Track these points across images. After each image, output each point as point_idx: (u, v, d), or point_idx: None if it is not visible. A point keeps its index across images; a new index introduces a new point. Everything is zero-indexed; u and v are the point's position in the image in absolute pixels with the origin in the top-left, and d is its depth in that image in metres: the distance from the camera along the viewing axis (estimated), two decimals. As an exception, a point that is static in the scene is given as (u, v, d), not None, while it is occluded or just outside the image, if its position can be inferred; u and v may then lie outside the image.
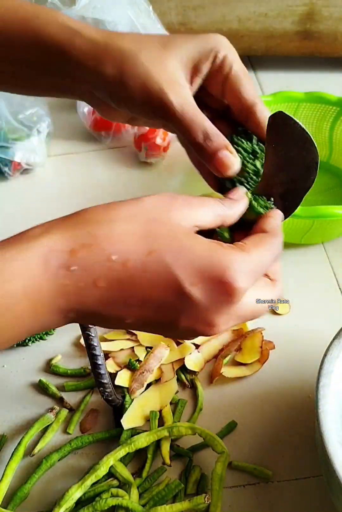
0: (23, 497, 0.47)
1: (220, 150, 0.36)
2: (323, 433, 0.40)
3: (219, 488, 0.45)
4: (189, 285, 0.29)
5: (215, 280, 0.30)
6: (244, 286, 0.30)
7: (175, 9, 0.90)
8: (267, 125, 0.37)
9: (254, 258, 0.32)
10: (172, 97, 0.36)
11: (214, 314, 0.31)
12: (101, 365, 0.48)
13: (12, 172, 0.77)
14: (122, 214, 0.30)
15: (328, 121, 0.76)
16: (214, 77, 0.39)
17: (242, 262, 0.31)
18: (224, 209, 0.33)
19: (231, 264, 0.30)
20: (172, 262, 0.29)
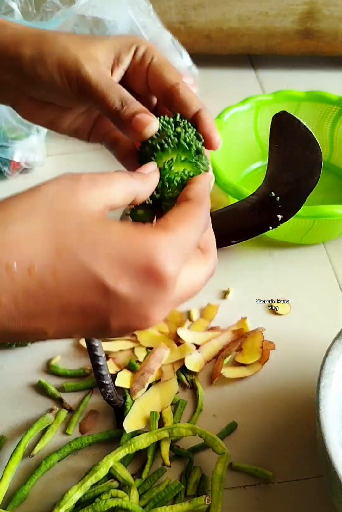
0: (23, 498, 0.47)
1: (138, 114, 0.35)
2: (324, 433, 0.40)
3: (219, 489, 0.45)
4: (113, 281, 0.26)
5: (141, 270, 0.26)
6: (174, 270, 0.27)
7: (175, 8, 0.90)
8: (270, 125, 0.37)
9: (180, 236, 0.28)
10: (88, 67, 0.36)
11: (147, 306, 0.27)
12: (103, 366, 0.48)
13: (11, 171, 0.77)
14: (18, 212, 0.26)
15: (329, 120, 0.76)
16: (136, 70, 0.39)
17: (167, 244, 0.27)
18: (134, 182, 0.30)
19: (156, 249, 0.26)
20: (87, 258, 0.25)
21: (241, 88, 0.92)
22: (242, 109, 0.75)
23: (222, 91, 0.92)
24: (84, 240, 0.26)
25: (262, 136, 0.78)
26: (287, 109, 0.76)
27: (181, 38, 0.88)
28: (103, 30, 0.75)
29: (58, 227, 0.26)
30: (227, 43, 0.94)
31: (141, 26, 0.77)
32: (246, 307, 0.61)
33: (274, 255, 0.68)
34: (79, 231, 0.26)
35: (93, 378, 0.55)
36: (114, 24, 0.75)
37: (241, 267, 0.66)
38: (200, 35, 0.93)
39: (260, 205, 0.39)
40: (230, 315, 0.60)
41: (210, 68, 0.97)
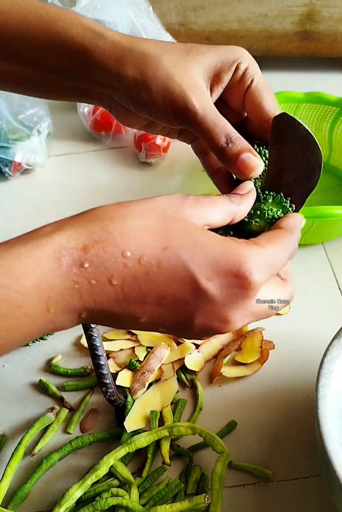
0: (24, 497, 0.48)
1: (243, 153, 0.36)
2: (322, 432, 0.40)
3: (219, 487, 0.45)
4: (205, 281, 0.29)
5: (230, 274, 0.29)
6: (259, 280, 0.30)
7: (175, 10, 0.91)
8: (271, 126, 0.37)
9: (269, 253, 0.31)
10: (194, 101, 0.36)
11: (230, 309, 0.30)
12: (103, 365, 0.48)
13: (12, 172, 0.77)
14: (136, 211, 0.30)
15: (327, 121, 0.77)
16: (234, 88, 0.39)
17: (257, 255, 0.30)
18: (233, 206, 0.33)
19: (246, 257, 0.30)
20: (188, 258, 0.29)
21: (240, 89, 0.92)
22: (241, 110, 0.75)
23: (221, 92, 0.92)
24: (187, 241, 0.29)
25: (262, 137, 0.78)
26: (286, 110, 0.77)
27: (181, 39, 0.89)
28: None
29: (167, 228, 0.30)
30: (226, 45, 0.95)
31: (141, 27, 0.77)
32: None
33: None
34: (184, 235, 0.30)
35: (93, 378, 0.55)
36: (114, 25, 0.75)
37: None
38: (199, 36, 0.94)
39: None
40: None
41: (209, 69, 0.97)
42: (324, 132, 0.77)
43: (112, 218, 0.29)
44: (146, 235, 0.29)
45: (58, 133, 0.83)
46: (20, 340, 0.28)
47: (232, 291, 0.30)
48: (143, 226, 0.29)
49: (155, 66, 0.37)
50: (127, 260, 0.28)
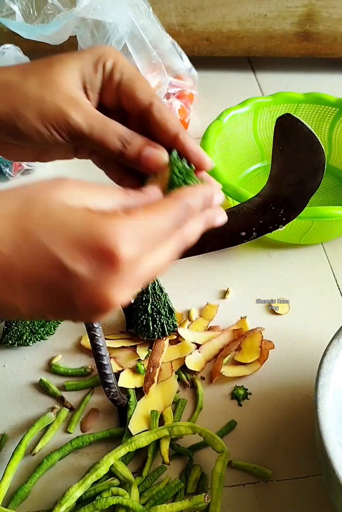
0: (24, 496, 0.48)
1: (143, 149, 0.35)
2: (322, 432, 0.40)
3: (219, 487, 0.46)
4: (71, 262, 0.27)
5: (96, 251, 0.27)
6: (130, 252, 0.28)
7: (175, 11, 0.91)
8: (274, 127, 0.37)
9: (142, 221, 0.29)
10: (74, 115, 0.34)
11: (106, 285, 0.28)
12: (106, 365, 0.48)
13: (13, 172, 0.77)
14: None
15: (327, 122, 0.77)
16: (107, 88, 0.37)
17: (125, 227, 0.28)
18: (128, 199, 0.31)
19: (112, 232, 0.27)
20: (48, 240, 0.27)
21: (240, 90, 0.92)
22: (241, 111, 0.75)
23: (221, 93, 0.93)
24: (45, 221, 0.27)
25: (261, 137, 0.78)
26: (285, 110, 0.77)
27: (181, 40, 0.89)
28: (103, 33, 0.75)
29: (26, 211, 0.27)
30: (226, 45, 0.95)
31: (141, 28, 0.78)
32: (245, 307, 0.62)
33: (273, 256, 0.68)
34: (42, 214, 0.27)
35: (94, 377, 0.55)
36: (114, 26, 0.75)
37: (240, 267, 0.67)
38: (199, 37, 0.94)
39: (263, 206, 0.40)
40: (229, 315, 0.61)
41: (209, 70, 0.97)
42: (324, 132, 0.77)
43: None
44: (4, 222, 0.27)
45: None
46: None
47: (103, 268, 0.28)
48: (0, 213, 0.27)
49: (23, 93, 0.35)
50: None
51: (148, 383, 0.53)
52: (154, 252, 0.30)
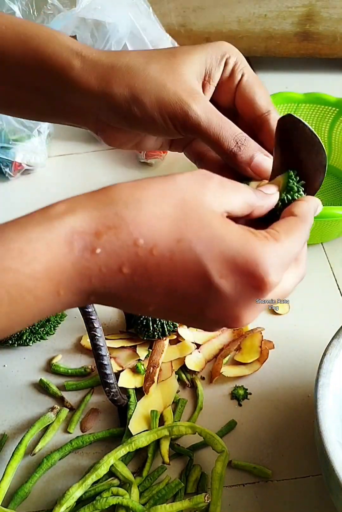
0: (24, 496, 0.48)
1: (255, 155, 0.35)
2: (322, 432, 0.40)
3: (219, 487, 0.46)
4: (218, 278, 0.28)
5: (246, 273, 0.28)
6: (275, 280, 0.29)
7: (175, 11, 0.91)
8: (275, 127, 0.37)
9: (287, 249, 0.30)
10: (194, 106, 0.34)
11: (242, 308, 0.29)
12: (107, 365, 0.48)
13: (13, 172, 0.77)
14: (152, 194, 0.28)
15: (327, 122, 0.77)
16: (224, 85, 0.37)
17: (275, 254, 0.29)
18: (255, 199, 0.32)
19: (264, 258, 0.28)
20: (202, 252, 0.28)
21: (240, 90, 0.92)
22: (240, 111, 0.75)
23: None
24: (203, 235, 0.28)
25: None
26: (285, 110, 0.77)
27: (181, 40, 0.89)
28: (103, 33, 0.75)
29: (184, 216, 0.28)
30: (226, 45, 0.95)
31: (141, 28, 0.77)
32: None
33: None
34: (201, 225, 0.28)
35: (94, 377, 0.55)
36: (114, 26, 0.75)
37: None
38: (199, 37, 0.94)
39: None
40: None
41: (209, 70, 0.97)
42: (324, 132, 0.77)
43: (126, 203, 0.28)
44: (161, 224, 0.28)
45: (58, 134, 0.83)
46: (29, 321, 0.28)
47: (247, 290, 0.28)
48: (158, 213, 0.28)
49: (143, 78, 0.35)
50: (139, 249, 0.27)
51: (148, 383, 0.53)
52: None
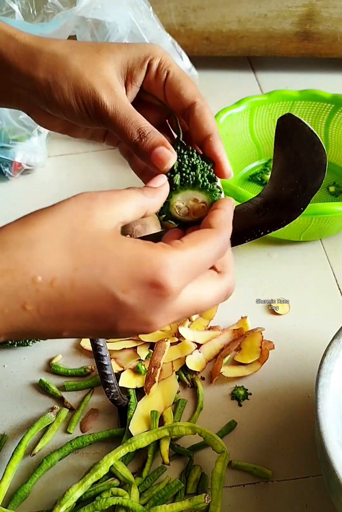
0: (24, 497, 0.48)
1: (156, 146, 0.36)
2: (322, 432, 0.40)
3: (219, 487, 0.46)
4: (122, 293, 0.29)
5: (146, 284, 0.29)
6: (176, 285, 0.30)
7: (175, 10, 0.91)
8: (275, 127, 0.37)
9: (189, 256, 0.31)
10: (104, 97, 0.36)
11: (150, 314, 0.30)
12: (107, 365, 0.48)
13: (12, 172, 0.77)
14: (42, 230, 0.29)
15: (323, 118, 0.77)
16: (152, 86, 0.39)
17: (172, 261, 0.30)
18: (145, 199, 0.33)
19: (161, 265, 0.29)
20: (101, 275, 0.29)
21: (240, 90, 0.92)
22: (237, 110, 0.75)
23: (221, 93, 0.92)
24: (98, 258, 0.29)
25: (258, 136, 0.78)
26: (281, 108, 0.77)
27: (181, 40, 0.89)
28: (103, 32, 0.75)
29: (76, 245, 0.29)
30: (226, 45, 0.95)
31: (141, 28, 0.77)
32: (245, 307, 0.62)
33: (272, 255, 0.68)
34: (94, 249, 0.29)
35: (94, 377, 0.55)
36: (114, 26, 0.75)
37: (240, 267, 0.67)
38: (199, 37, 0.94)
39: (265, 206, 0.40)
40: (229, 315, 0.61)
41: (209, 70, 0.97)
42: (320, 128, 0.78)
43: (18, 245, 0.28)
44: (56, 258, 0.28)
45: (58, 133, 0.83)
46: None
47: (150, 299, 0.30)
48: (51, 248, 0.28)
49: (65, 66, 0.37)
50: (38, 285, 0.28)
51: (149, 383, 0.53)
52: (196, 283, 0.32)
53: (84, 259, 0.29)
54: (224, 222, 0.34)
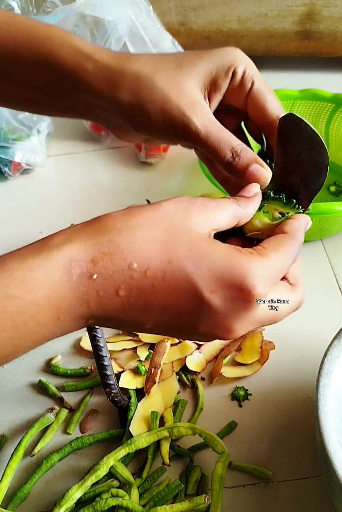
0: (23, 498, 0.47)
1: (250, 165, 0.36)
2: (323, 433, 0.40)
3: (219, 488, 0.45)
4: (209, 293, 0.30)
5: (234, 287, 0.30)
6: (262, 292, 0.31)
7: (175, 9, 0.91)
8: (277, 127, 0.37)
9: (273, 263, 0.32)
10: (195, 120, 0.36)
11: (233, 320, 0.31)
12: (107, 366, 0.48)
13: (12, 172, 0.77)
14: (142, 221, 0.30)
15: (324, 117, 0.77)
16: (234, 93, 0.39)
17: (260, 268, 0.31)
18: (239, 209, 0.34)
19: (250, 271, 0.30)
20: (192, 270, 0.29)
21: (240, 89, 0.92)
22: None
23: (221, 92, 0.92)
24: (192, 254, 0.30)
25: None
26: (281, 108, 0.77)
27: (181, 39, 0.88)
28: (103, 31, 0.75)
29: (173, 239, 0.30)
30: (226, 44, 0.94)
31: (141, 27, 0.77)
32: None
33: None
34: (189, 246, 0.30)
35: (93, 378, 0.55)
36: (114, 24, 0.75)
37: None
38: (199, 36, 0.93)
39: None
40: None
41: (209, 69, 0.97)
42: (321, 128, 0.77)
43: (119, 230, 0.29)
44: (153, 248, 0.29)
45: (58, 133, 0.83)
46: (31, 346, 0.30)
47: (235, 303, 0.30)
48: (149, 238, 0.30)
49: (150, 87, 0.36)
50: (133, 272, 0.29)
51: (149, 384, 0.53)
52: None
53: (179, 254, 0.30)
54: (297, 229, 0.35)
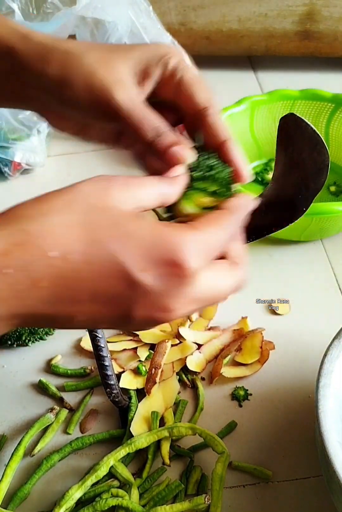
0: (23, 497, 0.47)
1: (172, 145, 0.35)
2: (323, 433, 0.40)
3: (219, 488, 0.45)
4: (138, 272, 0.28)
5: (165, 263, 0.28)
6: (195, 266, 0.29)
7: (175, 9, 0.91)
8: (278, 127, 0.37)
9: (206, 236, 0.30)
10: (117, 96, 0.35)
11: (169, 298, 0.29)
12: (108, 366, 0.48)
13: (12, 172, 0.77)
14: (56, 205, 0.28)
15: (324, 117, 0.77)
16: (166, 83, 0.38)
17: (191, 241, 0.29)
18: (164, 186, 0.32)
19: (181, 244, 0.28)
20: (117, 249, 0.27)
21: (240, 89, 0.92)
22: (237, 109, 0.75)
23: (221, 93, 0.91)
24: (114, 232, 0.28)
25: (258, 135, 0.78)
26: (281, 108, 0.77)
27: (181, 39, 0.88)
28: (103, 32, 0.75)
29: (91, 219, 0.28)
30: (226, 44, 0.95)
31: (141, 27, 0.77)
32: (245, 307, 0.61)
33: (273, 254, 0.68)
34: (111, 224, 0.28)
35: (93, 378, 0.55)
36: (114, 25, 0.75)
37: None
38: (199, 36, 0.93)
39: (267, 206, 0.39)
40: (229, 315, 0.60)
41: (209, 70, 0.97)
42: (321, 128, 0.77)
43: (31, 218, 0.27)
44: (70, 232, 0.27)
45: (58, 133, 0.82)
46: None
47: (169, 279, 0.28)
48: (66, 222, 0.27)
49: (78, 62, 0.36)
50: (52, 260, 0.27)
51: (150, 384, 0.53)
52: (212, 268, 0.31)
53: (100, 234, 0.27)
54: (236, 205, 0.33)
